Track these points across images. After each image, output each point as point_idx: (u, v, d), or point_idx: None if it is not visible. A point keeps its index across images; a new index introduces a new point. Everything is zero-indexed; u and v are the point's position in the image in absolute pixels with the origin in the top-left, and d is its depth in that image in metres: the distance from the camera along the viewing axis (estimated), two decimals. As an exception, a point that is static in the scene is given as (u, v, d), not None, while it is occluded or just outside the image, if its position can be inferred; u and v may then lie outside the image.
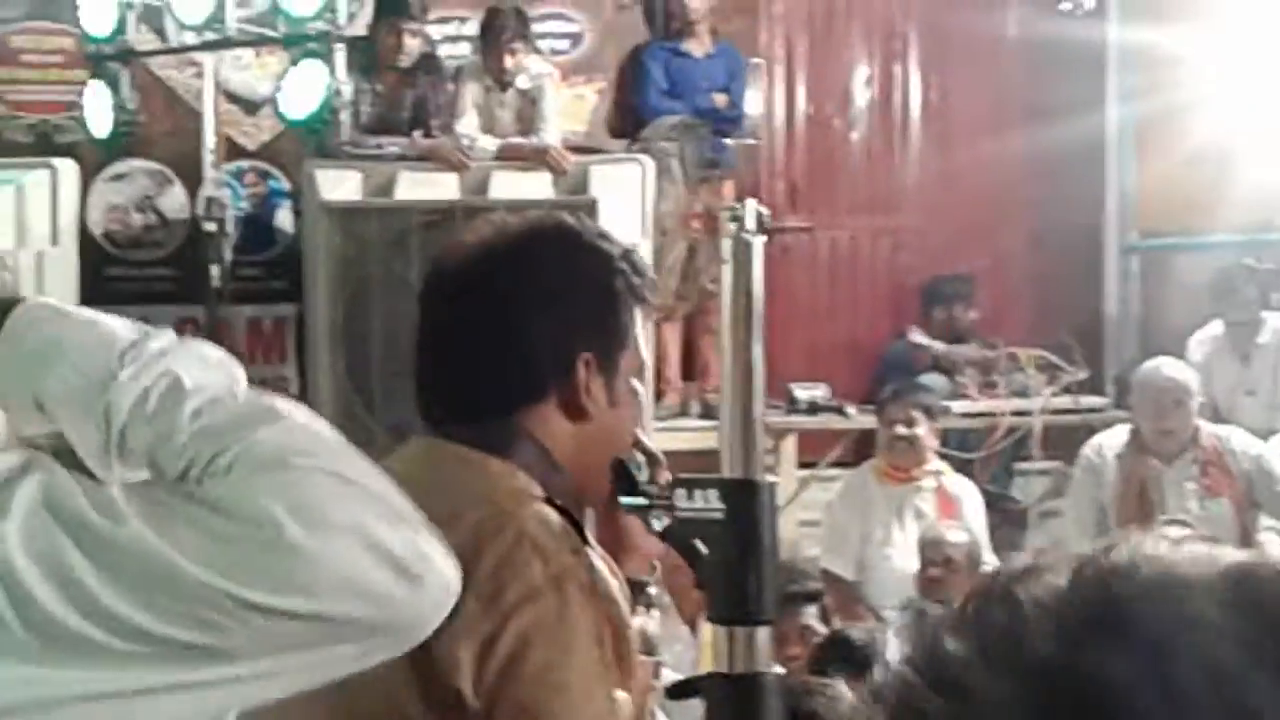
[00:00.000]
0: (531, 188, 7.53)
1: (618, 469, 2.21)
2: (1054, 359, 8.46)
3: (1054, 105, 9.13)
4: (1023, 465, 8.50)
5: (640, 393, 2.29)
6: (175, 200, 8.60)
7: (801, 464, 8.37)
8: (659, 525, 2.20)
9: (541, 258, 2.22)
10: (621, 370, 2.22)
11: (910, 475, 6.98)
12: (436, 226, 6.69)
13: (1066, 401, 8.38)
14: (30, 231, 7.24)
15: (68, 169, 7.71)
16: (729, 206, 2.27)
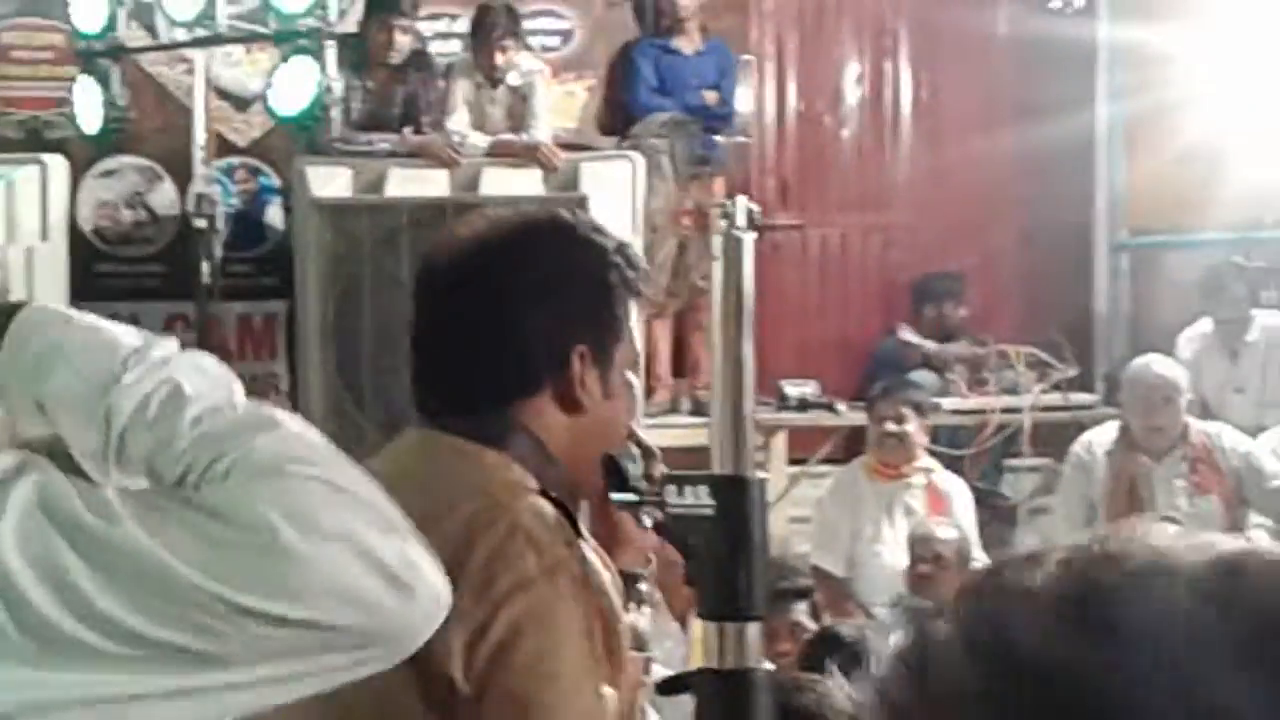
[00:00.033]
0: (522, 185, 7.52)
1: (608, 464, 2.21)
2: (1044, 356, 8.47)
3: (1044, 103, 9.13)
4: (1012, 462, 8.51)
5: (635, 385, 2.29)
6: (165, 196, 8.60)
7: (792, 461, 8.37)
8: (649, 521, 2.20)
9: (536, 251, 2.22)
10: (616, 363, 2.22)
11: (900, 472, 6.98)
12: (427, 223, 6.68)
13: (1056, 399, 8.39)
14: (20, 228, 7.22)
15: (58, 165, 7.70)
16: (720, 203, 2.28)
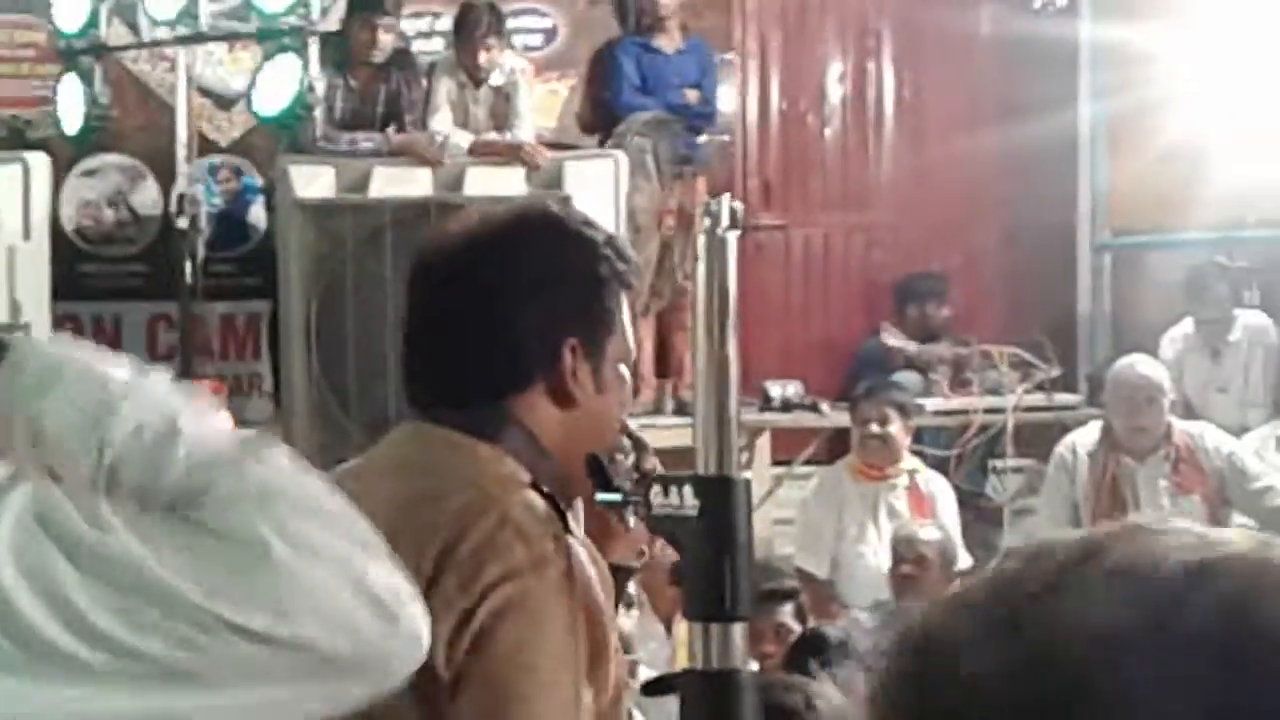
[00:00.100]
0: (505, 184, 7.51)
1: (592, 464, 2.20)
2: (1027, 356, 8.48)
3: (1027, 103, 9.15)
4: (996, 463, 8.51)
5: (627, 379, 2.29)
6: (148, 196, 8.58)
7: (776, 462, 8.37)
8: (633, 521, 2.20)
9: (527, 245, 2.22)
10: (608, 356, 2.22)
11: (884, 473, 6.99)
12: (410, 223, 6.67)
13: (1039, 399, 8.40)
14: (2, 227, 7.19)
15: (40, 164, 7.66)
16: (703, 203, 2.27)
